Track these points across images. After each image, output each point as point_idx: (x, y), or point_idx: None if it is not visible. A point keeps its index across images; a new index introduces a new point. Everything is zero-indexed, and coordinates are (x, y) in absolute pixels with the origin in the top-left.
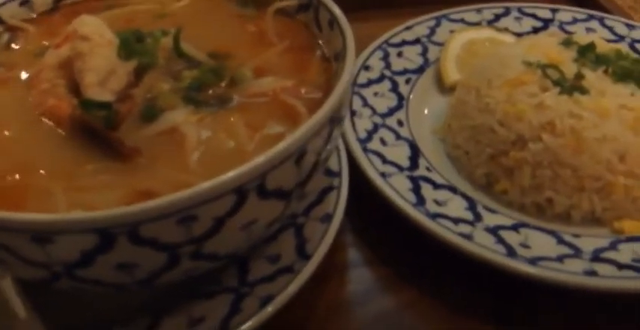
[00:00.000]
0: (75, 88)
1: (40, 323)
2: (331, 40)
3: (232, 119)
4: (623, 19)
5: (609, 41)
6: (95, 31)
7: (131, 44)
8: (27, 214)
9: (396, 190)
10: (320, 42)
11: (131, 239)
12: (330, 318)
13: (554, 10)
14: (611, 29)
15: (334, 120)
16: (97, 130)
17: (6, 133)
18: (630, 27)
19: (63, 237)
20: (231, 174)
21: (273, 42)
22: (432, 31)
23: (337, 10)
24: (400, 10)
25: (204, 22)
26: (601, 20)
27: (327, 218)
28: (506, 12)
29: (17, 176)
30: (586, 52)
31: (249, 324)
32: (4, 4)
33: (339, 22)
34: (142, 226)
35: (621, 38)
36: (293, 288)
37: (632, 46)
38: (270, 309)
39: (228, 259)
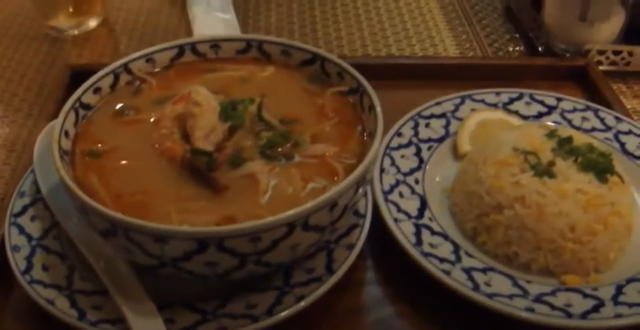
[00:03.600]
0: (185, 136)
1: (144, 291)
2: (368, 120)
3: (292, 172)
4: (613, 113)
5: (598, 130)
6: (204, 100)
7: (228, 111)
8: (155, 223)
9: (403, 232)
10: (361, 119)
11: (217, 247)
12: (344, 318)
13: (559, 99)
14: (602, 120)
15: (360, 183)
16: (201, 170)
17: (134, 162)
18: (618, 120)
19: (175, 241)
20: (285, 214)
21: (328, 115)
22: (457, 107)
23: (375, 99)
24: (437, 82)
25: (280, 91)
26: (596, 111)
27: (351, 247)
28: (520, 96)
29: (142, 196)
30: (564, 144)
31: (286, 312)
32: (134, 59)
33: (376, 109)
34: (226, 240)
35: (609, 128)
36: (320, 292)
37: (616, 137)
38: (302, 304)
39: (277, 267)
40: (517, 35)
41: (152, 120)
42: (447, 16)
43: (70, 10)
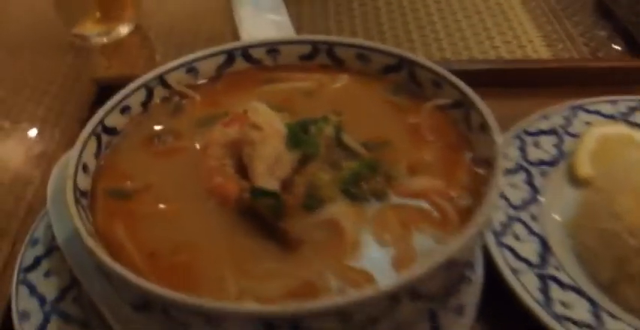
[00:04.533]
0: (241, 169)
1: None
2: (480, 144)
3: (387, 217)
4: None
5: None
6: (266, 121)
7: (298, 135)
8: (206, 300)
9: (526, 287)
10: (470, 141)
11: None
12: None
13: None
14: None
15: (481, 233)
16: (265, 217)
17: (174, 205)
18: None
19: (234, 322)
20: (389, 284)
21: (425, 136)
22: (568, 121)
23: (489, 116)
24: (530, 89)
25: (359, 106)
26: None
27: (460, 309)
28: None
29: (187, 254)
30: None
31: None
32: (172, 70)
33: (491, 128)
34: (303, 321)
35: None
36: None
37: None
38: None
39: None
40: (615, 32)
41: (197, 148)
42: (532, 13)
43: (98, 15)
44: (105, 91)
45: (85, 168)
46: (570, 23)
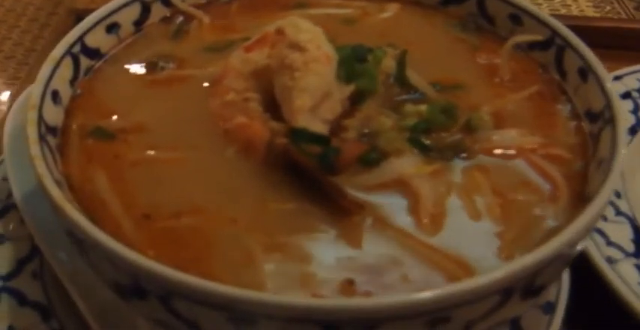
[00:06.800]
0: (271, 107)
1: None
2: (582, 93)
3: (475, 179)
4: None
5: None
6: (312, 41)
7: (353, 63)
8: (240, 290)
9: (624, 280)
10: (563, 89)
11: None
12: None
13: None
14: None
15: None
16: (309, 172)
17: (176, 152)
18: None
19: (269, 322)
20: (503, 271)
21: (504, 82)
22: None
23: (592, 57)
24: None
25: (415, 41)
26: None
27: (550, 308)
28: None
29: (196, 217)
30: None
31: None
32: None
33: (597, 72)
34: (380, 327)
35: None
36: None
37: None
38: None
39: None
40: None
41: (201, 77)
42: None
43: None
44: None
45: (55, 96)
46: None
